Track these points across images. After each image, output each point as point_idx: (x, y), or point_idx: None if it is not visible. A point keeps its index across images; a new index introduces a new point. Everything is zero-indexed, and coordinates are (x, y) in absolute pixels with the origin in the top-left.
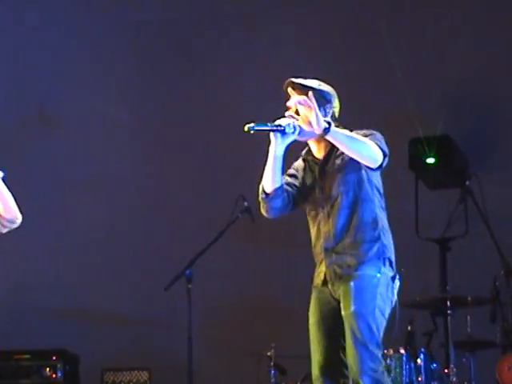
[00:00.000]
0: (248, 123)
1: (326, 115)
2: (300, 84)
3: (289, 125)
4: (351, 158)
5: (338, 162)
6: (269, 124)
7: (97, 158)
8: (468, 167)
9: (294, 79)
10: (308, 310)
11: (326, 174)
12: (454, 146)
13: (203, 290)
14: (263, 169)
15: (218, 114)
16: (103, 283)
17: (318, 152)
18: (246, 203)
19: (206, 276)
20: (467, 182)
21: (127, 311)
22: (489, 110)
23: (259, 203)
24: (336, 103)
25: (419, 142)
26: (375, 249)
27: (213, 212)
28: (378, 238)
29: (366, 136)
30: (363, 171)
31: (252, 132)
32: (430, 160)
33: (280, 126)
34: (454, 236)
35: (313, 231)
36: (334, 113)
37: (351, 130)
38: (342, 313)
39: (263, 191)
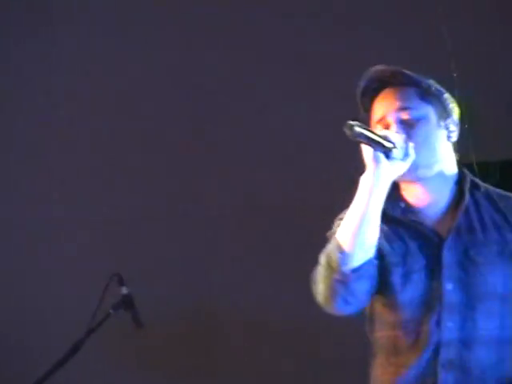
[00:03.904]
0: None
1: (449, 138)
2: (412, 78)
3: (398, 144)
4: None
5: (496, 242)
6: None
7: None
8: None
9: (392, 67)
10: None
11: (459, 262)
12: None
13: None
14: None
15: None
16: None
17: (431, 211)
18: (124, 289)
19: None
20: None
21: None
22: None
23: (328, 287)
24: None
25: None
26: None
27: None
28: None
29: None
30: None
31: (350, 133)
32: None
33: (388, 139)
34: None
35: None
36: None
37: None
38: None
39: (342, 262)
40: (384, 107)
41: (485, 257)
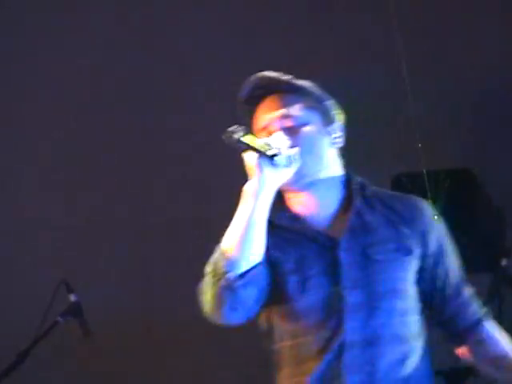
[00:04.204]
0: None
1: (334, 144)
2: (295, 85)
3: (281, 150)
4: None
5: (390, 244)
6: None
7: None
8: (505, 228)
9: (275, 74)
10: None
11: (357, 263)
12: (480, 188)
13: None
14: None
15: None
16: None
17: (321, 217)
18: (73, 297)
19: None
20: (504, 262)
21: None
22: None
23: (215, 291)
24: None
25: (411, 180)
26: None
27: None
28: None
29: None
30: (418, 257)
31: (230, 141)
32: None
33: (271, 146)
34: None
35: (302, 350)
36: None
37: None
38: None
39: (229, 268)
40: (267, 115)
41: (383, 254)
